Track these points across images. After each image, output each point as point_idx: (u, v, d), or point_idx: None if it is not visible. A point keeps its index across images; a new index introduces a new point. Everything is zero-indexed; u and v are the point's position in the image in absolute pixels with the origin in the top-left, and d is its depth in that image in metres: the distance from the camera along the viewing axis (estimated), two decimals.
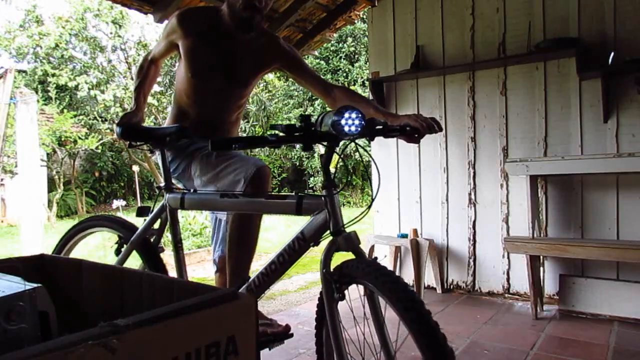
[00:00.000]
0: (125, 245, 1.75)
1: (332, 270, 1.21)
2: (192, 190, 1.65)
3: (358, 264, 1.15)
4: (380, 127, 1.29)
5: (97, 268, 1.10)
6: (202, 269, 4.87)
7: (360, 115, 1.19)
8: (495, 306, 3.08)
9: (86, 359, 0.59)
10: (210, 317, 0.75)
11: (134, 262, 1.78)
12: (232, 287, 1.46)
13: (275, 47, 1.81)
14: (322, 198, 1.25)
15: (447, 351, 0.97)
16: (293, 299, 3.45)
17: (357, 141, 1.26)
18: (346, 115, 1.18)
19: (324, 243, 1.26)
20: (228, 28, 1.71)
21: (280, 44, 1.83)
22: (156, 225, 1.77)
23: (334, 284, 1.19)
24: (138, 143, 1.71)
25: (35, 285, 0.86)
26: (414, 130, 1.38)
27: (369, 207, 1.28)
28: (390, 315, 1.04)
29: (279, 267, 1.34)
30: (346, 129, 1.18)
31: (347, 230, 1.23)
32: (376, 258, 1.20)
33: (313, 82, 1.81)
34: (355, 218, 1.25)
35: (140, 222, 1.79)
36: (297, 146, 1.29)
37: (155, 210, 1.71)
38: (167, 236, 2.15)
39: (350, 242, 1.21)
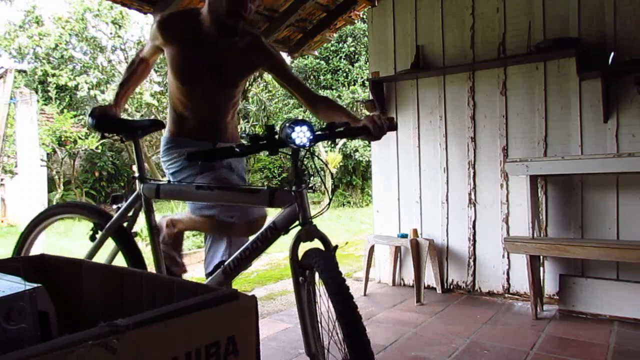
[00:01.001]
0: (99, 232, 1.81)
1: (299, 257, 1.36)
2: (168, 181, 1.72)
3: (313, 252, 1.30)
4: (341, 129, 1.43)
5: (97, 268, 1.10)
6: (202, 269, 4.86)
7: (310, 128, 1.33)
8: (495, 306, 3.08)
9: (86, 359, 0.59)
10: (210, 317, 0.75)
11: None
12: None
13: (260, 48, 1.82)
14: (292, 193, 1.38)
15: (360, 328, 1.14)
16: (293, 299, 3.45)
17: (325, 145, 1.36)
18: (297, 129, 1.33)
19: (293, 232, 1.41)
20: (210, 31, 1.72)
21: (264, 45, 1.84)
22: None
23: (298, 269, 1.35)
24: (111, 134, 1.76)
25: (35, 285, 0.86)
26: (372, 130, 1.50)
27: (329, 204, 1.52)
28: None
29: (252, 253, 1.48)
30: (297, 141, 1.33)
31: (314, 222, 1.38)
32: (336, 246, 1.34)
33: (297, 89, 1.84)
34: (320, 212, 1.43)
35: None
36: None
37: (130, 198, 1.77)
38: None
39: (310, 233, 1.35)
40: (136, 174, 1.75)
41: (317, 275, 1.30)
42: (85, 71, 10.67)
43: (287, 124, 1.34)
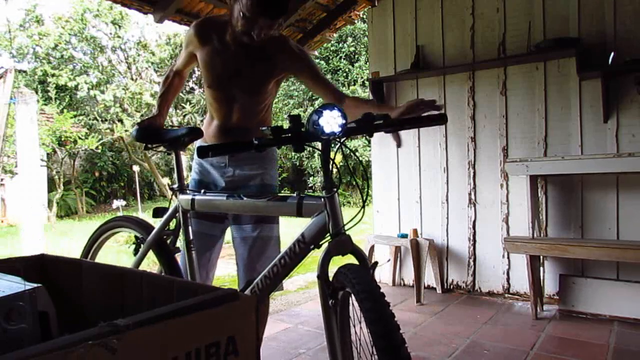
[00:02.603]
0: (142, 245, 1.76)
1: (328, 275, 1.16)
2: (202, 192, 1.63)
3: (347, 269, 1.10)
4: (380, 121, 1.22)
5: (97, 268, 1.10)
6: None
7: (342, 113, 1.13)
8: (495, 306, 3.08)
9: (86, 359, 0.59)
10: (210, 317, 0.75)
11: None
12: None
13: (285, 52, 1.75)
14: (322, 199, 1.20)
15: None
16: (293, 299, 3.45)
17: (356, 139, 1.23)
18: (325, 113, 1.12)
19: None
20: (233, 39, 1.69)
21: (291, 49, 1.77)
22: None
23: (327, 289, 1.16)
24: (154, 145, 1.73)
25: (35, 285, 0.86)
26: (417, 118, 1.33)
27: (363, 207, 1.21)
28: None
29: (281, 270, 1.32)
30: (326, 129, 1.13)
31: (348, 232, 1.19)
32: (376, 263, 1.17)
33: (326, 90, 1.76)
34: (352, 220, 1.20)
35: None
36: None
37: (170, 211, 1.71)
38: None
39: (343, 245, 1.17)
40: (175, 185, 1.70)
41: (352, 297, 1.09)
42: (85, 71, 10.67)
43: (315, 110, 1.15)
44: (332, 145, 1.21)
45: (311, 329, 2.71)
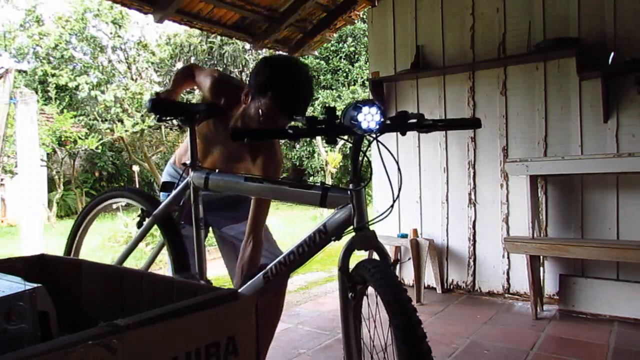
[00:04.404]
0: (147, 219, 1.73)
1: (349, 269, 1.17)
2: (216, 170, 1.59)
3: (368, 264, 1.11)
4: (414, 120, 1.23)
5: (97, 268, 1.10)
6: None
7: (380, 111, 1.13)
8: (495, 306, 3.08)
9: (86, 359, 0.59)
10: (210, 317, 0.75)
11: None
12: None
13: (268, 157, 1.72)
14: (348, 192, 1.20)
15: None
16: (293, 299, 3.45)
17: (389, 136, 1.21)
18: (364, 110, 1.12)
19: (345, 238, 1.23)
20: (244, 125, 1.65)
21: (275, 158, 1.74)
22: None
23: (347, 282, 1.16)
24: (168, 118, 1.68)
25: (35, 285, 0.86)
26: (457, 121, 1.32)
27: (392, 205, 1.22)
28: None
29: (298, 258, 1.31)
30: (364, 125, 1.13)
31: (371, 228, 1.20)
32: (397, 261, 1.18)
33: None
34: (380, 216, 1.22)
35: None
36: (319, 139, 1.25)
37: (180, 186, 1.68)
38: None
39: (367, 240, 1.17)
40: (187, 161, 1.66)
41: (369, 291, 1.10)
42: (86, 71, 10.66)
43: (353, 105, 1.14)
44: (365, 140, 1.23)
45: (311, 329, 2.71)
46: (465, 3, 3.33)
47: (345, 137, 1.24)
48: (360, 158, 1.24)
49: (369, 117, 1.13)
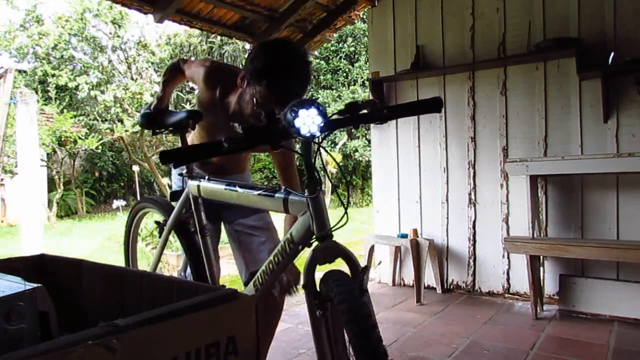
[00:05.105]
0: (165, 228, 1.78)
1: (315, 283, 1.08)
2: (207, 178, 1.59)
3: (330, 276, 1.02)
4: (365, 110, 1.12)
5: (97, 268, 1.10)
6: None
7: (320, 111, 1.03)
8: (495, 306, 3.08)
9: (86, 359, 0.59)
10: (210, 317, 0.75)
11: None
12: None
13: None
14: (305, 199, 1.13)
15: None
16: (293, 299, 3.45)
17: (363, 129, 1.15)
18: (301, 113, 1.01)
19: None
20: (241, 113, 1.62)
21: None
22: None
23: (314, 299, 1.07)
24: (161, 130, 1.72)
25: (35, 285, 0.86)
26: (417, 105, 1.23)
27: (345, 212, 1.14)
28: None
29: (276, 268, 1.29)
30: (303, 130, 1.02)
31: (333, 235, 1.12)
32: (367, 267, 1.11)
33: (285, 179, 1.73)
34: (337, 224, 1.12)
35: None
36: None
37: (183, 195, 1.70)
38: None
39: (328, 252, 1.08)
40: (184, 171, 1.68)
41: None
42: (86, 71, 10.66)
43: (289, 108, 1.03)
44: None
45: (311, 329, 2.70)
46: (465, 3, 3.33)
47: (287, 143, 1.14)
48: (314, 162, 1.13)
49: (308, 121, 1.02)
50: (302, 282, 1.09)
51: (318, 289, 1.07)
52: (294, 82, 1.41)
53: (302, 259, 1.31)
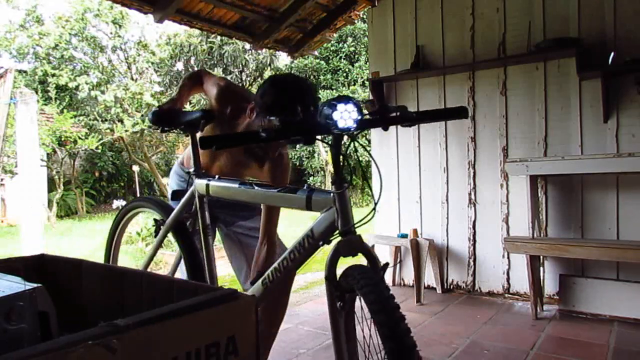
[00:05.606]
0: (162, 227, 1.77)
1: (337, 277, 1.12)
2: (216, 177, 1.61)
3: (354, 270, 1.05)
4: (396, 114, 1.18)
5: (97, 268, 1.10)
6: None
7: (356, 108, 1.08)
8: (495, 306, 3.08)
9: (86, 359, 0.59)
10: (210, 317, 0.75)
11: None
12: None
13: (275, 160, 1.74)
14: (331, 194, 1.16)
15: None
16: (293, 299, 3.44)
17: (374, 131, 1.19)
18: (340, 107, 1.06)
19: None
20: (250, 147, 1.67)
21: (283, 162, 1.76)
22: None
23: (335, 291, 1.11)
24: (171, 128, 1.72)
25: (35, 285, 0.86)
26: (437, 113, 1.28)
27: (374, 208, 1.18)
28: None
29: (290, 264, 1.30)
30: (340, 124, 1.07)
31: (357, 231, 1.15)
32: (387, 264, 1.13)
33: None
34: (363, 219, 1.16)
35: None
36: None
37: (187, 194, 1.70)
38: None
39: (352, 245, 1.12)
40: (192, 170, 1.69)
41: (359, 299, 1.04)
42: (86, 71, 10.65)
43: (328, 102, 1.09)
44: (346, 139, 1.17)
45: (311, 329, 2.71)
46: (465, 3, 3.33)
47: (320, 137, 1.19)
48: (342, 159, 1.18)
49: (345, 115, 1.07)
50: (325, 273, 1.12)
51: (338, 282, 1.11)
52: (301, 119, 1.43)
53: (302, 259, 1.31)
